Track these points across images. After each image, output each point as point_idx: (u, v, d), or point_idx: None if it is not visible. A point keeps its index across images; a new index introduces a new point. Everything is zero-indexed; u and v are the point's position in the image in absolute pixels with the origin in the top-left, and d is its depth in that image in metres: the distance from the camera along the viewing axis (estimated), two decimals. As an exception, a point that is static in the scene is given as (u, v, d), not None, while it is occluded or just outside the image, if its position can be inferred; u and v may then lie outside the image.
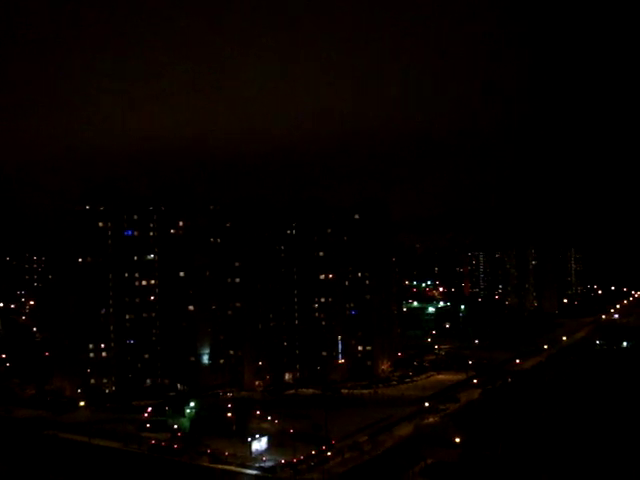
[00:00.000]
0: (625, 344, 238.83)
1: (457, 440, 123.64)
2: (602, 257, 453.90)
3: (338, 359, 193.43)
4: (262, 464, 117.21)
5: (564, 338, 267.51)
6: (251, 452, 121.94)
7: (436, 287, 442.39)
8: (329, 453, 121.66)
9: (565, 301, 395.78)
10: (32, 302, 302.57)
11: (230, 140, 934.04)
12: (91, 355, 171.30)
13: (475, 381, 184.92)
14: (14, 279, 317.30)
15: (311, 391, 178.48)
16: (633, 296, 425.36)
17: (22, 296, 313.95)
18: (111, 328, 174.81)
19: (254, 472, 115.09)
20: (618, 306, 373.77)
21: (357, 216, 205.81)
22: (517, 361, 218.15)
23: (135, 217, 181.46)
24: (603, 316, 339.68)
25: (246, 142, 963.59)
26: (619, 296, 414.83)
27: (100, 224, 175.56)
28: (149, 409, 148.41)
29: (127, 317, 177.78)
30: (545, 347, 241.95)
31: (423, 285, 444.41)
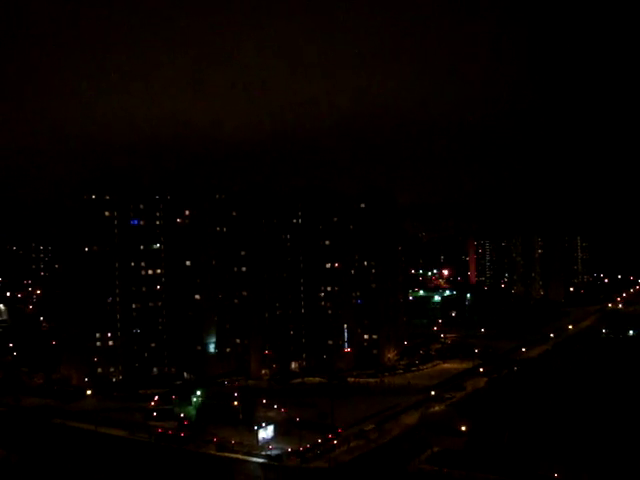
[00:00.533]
0: (631, 333, 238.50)
1: (463, 428, 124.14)
2: (608, 246, 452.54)
3: (344, 348, 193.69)
4: (268, 452, 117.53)
5: (570, 327, 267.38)
6: (257, 440, 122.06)
7: (442, 275, 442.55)
8: (335, 441, 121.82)
9: (571, 290, 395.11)
10: (39, 291, 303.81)
11: (234, 129, 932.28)
12: (98, 344, 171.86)
13: (481, 370, 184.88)
14: (20, 269, 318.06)
15: (317, 380, 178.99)
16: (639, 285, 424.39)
17: (29, 285, 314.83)
18: (118, 317, 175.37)
19: (261, 460, 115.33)
20: (624, 295, 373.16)
21: (363, 205, 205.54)
22: (523, 350, 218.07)
23: (141, 206, 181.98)
24: (609, 305, 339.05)
25: (250, 131, 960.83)
26: (625, 285, 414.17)
27: (106, 213, 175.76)
28: (156, 398, 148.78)
29: (133, 306, 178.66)
30: (551, 336, 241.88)
31: (429, 274, 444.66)
